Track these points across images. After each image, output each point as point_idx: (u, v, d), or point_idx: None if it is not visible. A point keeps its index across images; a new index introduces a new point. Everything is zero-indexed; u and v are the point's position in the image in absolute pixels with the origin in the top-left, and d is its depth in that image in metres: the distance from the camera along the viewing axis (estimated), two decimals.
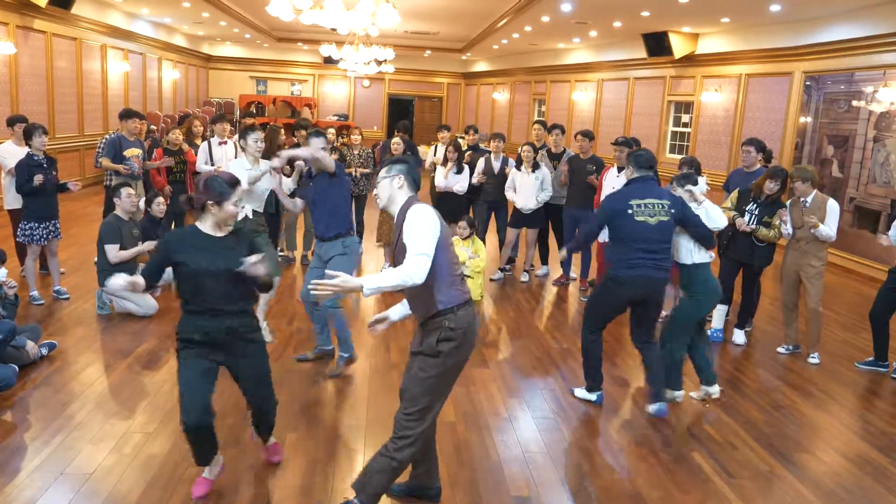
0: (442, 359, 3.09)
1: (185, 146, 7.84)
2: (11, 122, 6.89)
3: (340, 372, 5.07)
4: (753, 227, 5.78)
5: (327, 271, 2.92)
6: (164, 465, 3.71)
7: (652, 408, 4.62)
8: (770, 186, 5.76)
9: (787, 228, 5.73)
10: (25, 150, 6.24)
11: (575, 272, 8.09)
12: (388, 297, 6.69)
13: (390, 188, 3.17)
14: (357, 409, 4.51)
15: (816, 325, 5.81)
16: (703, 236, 4.59)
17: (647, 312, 4.61)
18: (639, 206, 4.42)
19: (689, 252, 4.64)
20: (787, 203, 5.85)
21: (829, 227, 5.56)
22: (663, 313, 5.65)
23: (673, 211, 4.47)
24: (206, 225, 3.35)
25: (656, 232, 4.42)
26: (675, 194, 4.70)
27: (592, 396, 4.81)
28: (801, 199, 5.73)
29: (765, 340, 6.33)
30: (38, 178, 5.98)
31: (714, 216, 4.71)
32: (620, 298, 4.58)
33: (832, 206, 5.64)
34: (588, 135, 7.52)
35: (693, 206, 4.71)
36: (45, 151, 6.24)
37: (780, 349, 6.02)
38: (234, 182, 3.33)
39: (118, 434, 4.00)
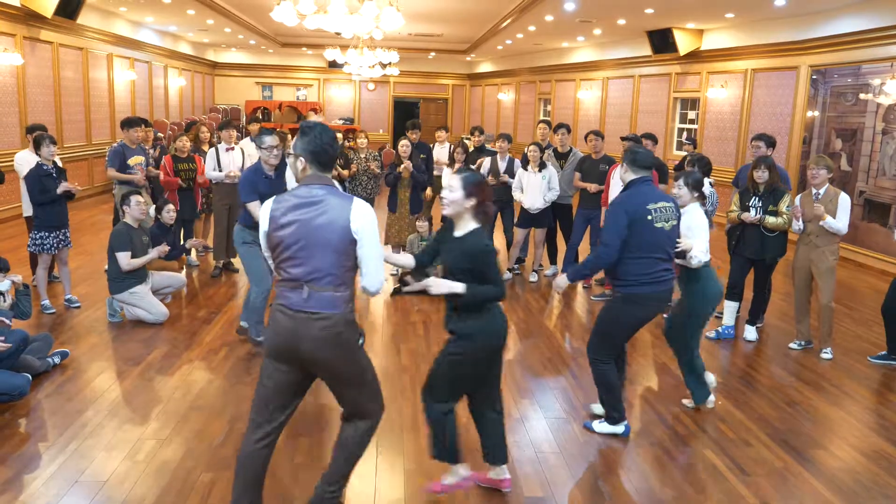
0: None
1: (187, 141, 7.89)
2: (32, 131, 6.96)
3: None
4: (760, 216, 5.75)
5: None
6: (178, 471, 3.72)
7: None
8: (759, 175, 5.77)
9: (799, 224, 5.71)
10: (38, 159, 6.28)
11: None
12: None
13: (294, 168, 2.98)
14: None
15: (828, 321, 5.77)
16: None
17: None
18: (656, 210, 3.96)
19: (703, 252, 4.40)
20: (798, 197, 5.83)
21: (839, 221, 5.54)
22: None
23: (678, 213, 4.17)
24: None
25: (671, 239, 4.06)
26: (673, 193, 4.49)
27: (619, 428, 4.27)
28: (814, 192, 5.69)
29: (776, 336, 6.30)
30: (64, 186, 6.09)
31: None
32: (640, 319, 4.13)
33: (844, 199, 5.60)
34: (600, 135, 7.53)
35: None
36: (55, 161, 6.28)
37: (791, 345, 5.99)
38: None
39: (131, 441, 4.02)
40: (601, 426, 4.32)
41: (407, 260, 3.57)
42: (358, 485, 3.67)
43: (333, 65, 16.76)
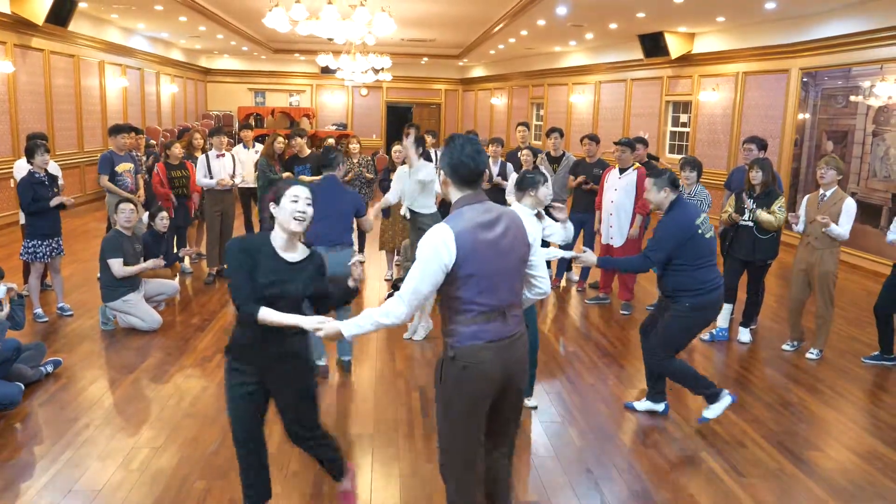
0: (442, 387, 2.74)
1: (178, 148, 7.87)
2: (33, 137, 6.94)
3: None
4: (750, 216, 5.77)
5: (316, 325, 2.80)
6: (172, 479, 3.71)
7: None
8: (753, 175, 5.79)
9: (799, 227, 5.73)
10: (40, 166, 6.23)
11: (576, 273, 8.08)
12: None
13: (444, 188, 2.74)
14: (364, 418, 4.51)
15: (823, 327, 5.76)
16: None
17: None
18: (701, 222, 4.28)
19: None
20: (806, 198, 5.84)
21: (841, 226, 5.46)
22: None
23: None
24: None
25: (714, 246, 4.37)
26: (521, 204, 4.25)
27: (727, 399, 4.35)
28: (821, 193, 5.69)
29: (770, 338, 6.31)
30: (58, 199, 6.05)
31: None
32: (707, 323, 4.41)
33: (849, 204, 5.52)
34: (595, 139, 7.54)
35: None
36: (47, 169, 6.25)
37: (784, 346, 6.00)
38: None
39: (126, 449, 4.00)
40: (709, 412, 4.37)
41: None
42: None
43: (326, 70, 16.74)
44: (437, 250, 2.56)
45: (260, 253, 2.94)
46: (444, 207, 7.66)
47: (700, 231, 4.25)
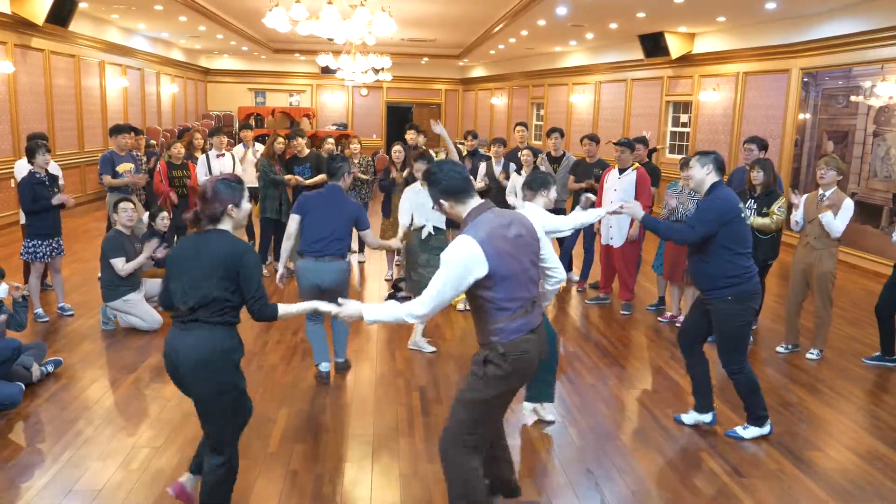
0: (482, 382, 2.89)
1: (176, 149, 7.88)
2: (33, 138, 6.95)
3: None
4: (750, 216, 5.76)
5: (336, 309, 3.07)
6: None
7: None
8: (754, 175, 5.79)
9: (798, 218, 5.72)
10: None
11: (576, 273, 8.07)
12: None
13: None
14: (364, 418, 4.51)
15: (822, 328, 5.75)
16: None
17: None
18: (741, 208, 4.21)
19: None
20: (804, 196, 5.84)
21: (838, 220, 5.45)
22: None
23: None
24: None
25: (751, 235, 4.34)
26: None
27: (766, 429, 4.36)
28: (820, 193, 5.68)
29: (770, 338, 6.31)
30: (59, 198, 6.05)
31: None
32: (755, 311, 4.36)
33: (848, 203, 5.53)
34: (595, 139, 7.55)
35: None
36: (47, 169, 6.25)
37: (778, 349, 5.96)
38: (238, 180, 3.19)
39: (126, 449, 4.00)
40: (746, 431, 4.34)
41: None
42: (352, 490, 3.67)
43: (326, 70, 16.75)
44: (465, 260, 2.76)
45: None
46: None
47: (742, 216, 4.18)
